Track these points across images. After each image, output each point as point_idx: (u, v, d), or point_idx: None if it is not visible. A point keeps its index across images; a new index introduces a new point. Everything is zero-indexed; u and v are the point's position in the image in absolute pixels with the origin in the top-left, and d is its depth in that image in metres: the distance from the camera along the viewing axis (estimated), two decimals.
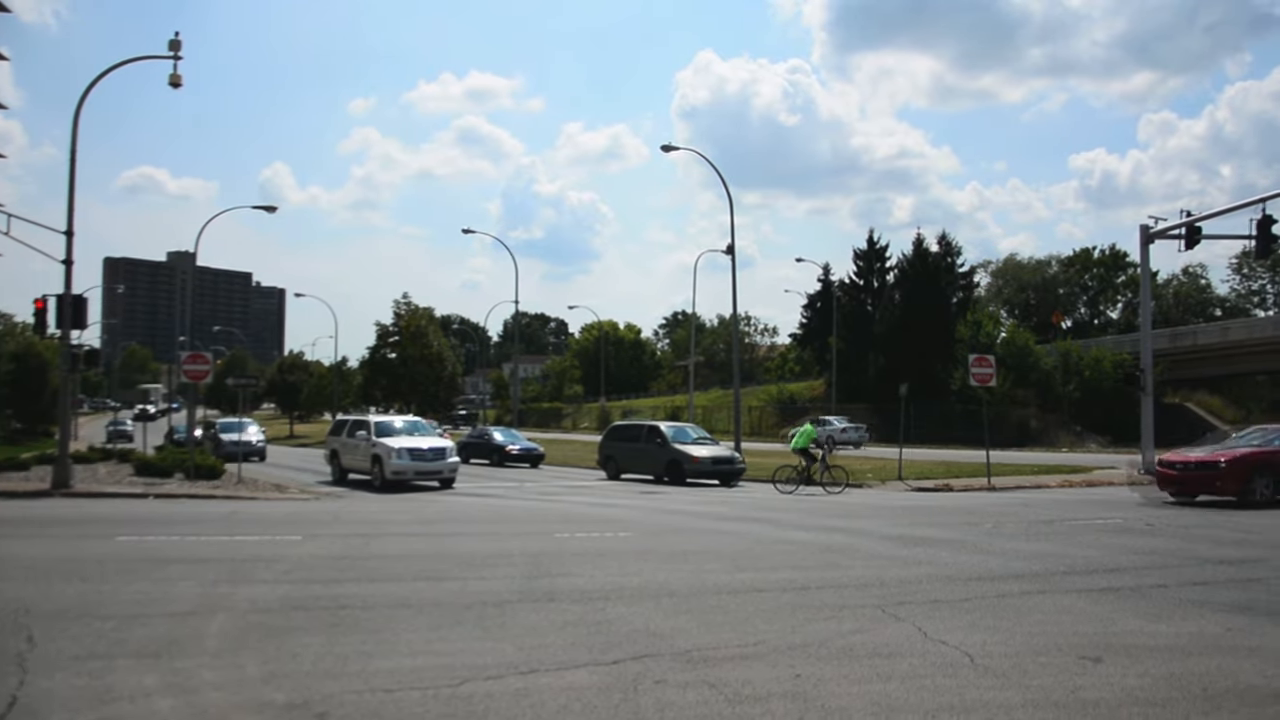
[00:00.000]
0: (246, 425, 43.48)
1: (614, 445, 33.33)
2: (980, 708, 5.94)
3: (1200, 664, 7.03)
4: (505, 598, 9.35)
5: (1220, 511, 19.18)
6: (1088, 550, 13.24)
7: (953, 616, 8.60)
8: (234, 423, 43.79)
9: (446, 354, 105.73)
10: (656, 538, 14.94)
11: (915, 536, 15.00)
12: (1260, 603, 9.42)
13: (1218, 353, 61.93)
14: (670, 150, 42.09)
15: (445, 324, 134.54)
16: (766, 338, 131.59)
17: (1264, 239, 30.60)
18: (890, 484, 27.81)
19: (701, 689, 6.27)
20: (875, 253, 75.01)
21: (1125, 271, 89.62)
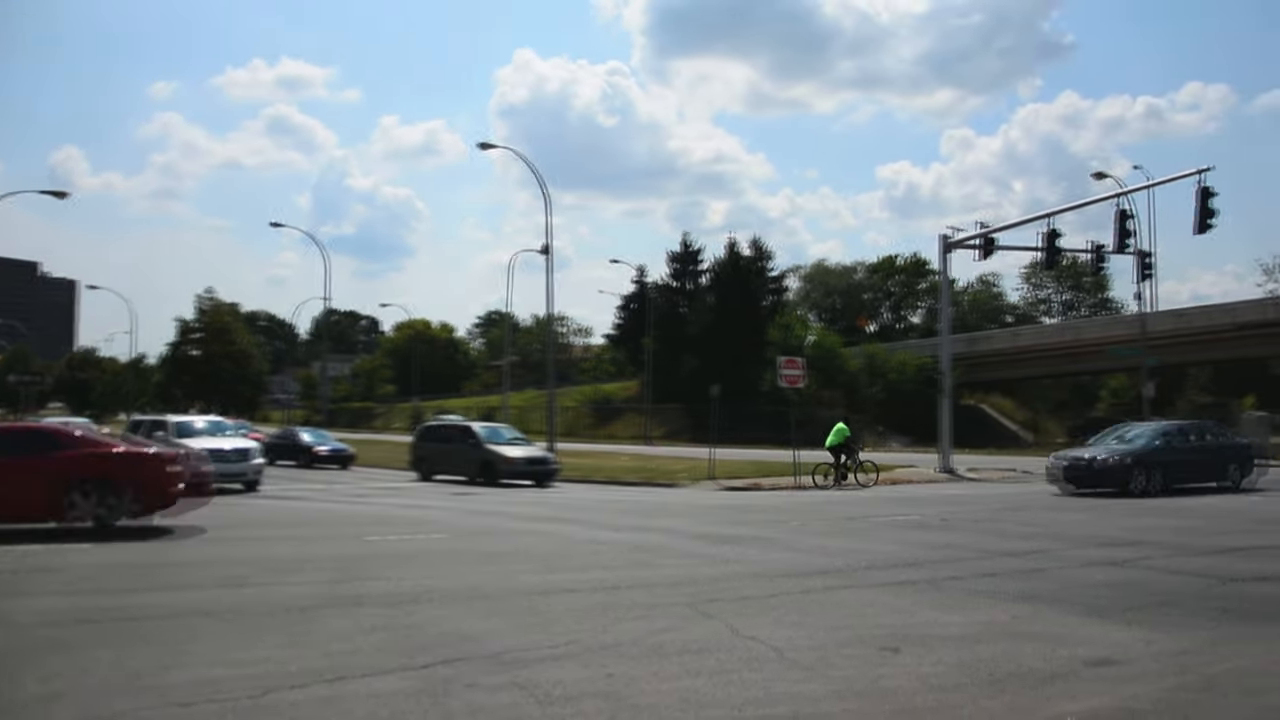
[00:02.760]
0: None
1: (426, 446, 32.82)
2: (786, 700, 6.11)
3: (988, 650, 7.42)
4: (311, 603, 9.09)
5: (1017, 510, 20.26)
6: (888, 546, 13.79)
7: (761, 612, 8.81)
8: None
9: (252, 351, 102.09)
10: (468, 539, 14.80)
11: (725, 535, 15.32)
12: (1042, 591, 10.00)
13: (1010, 357, 65.51)
14: (488, 148, 41.82)
15: (251, 320, 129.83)
16: (582, 338, 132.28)
17: (1051, 251, 32.61)
18: (702, 483, 28.30)
19: (513, 691, 6.24)
20: (690, 255, 76.21)
21: (927, 278, 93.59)
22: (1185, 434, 25.50)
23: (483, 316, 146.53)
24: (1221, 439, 26.16)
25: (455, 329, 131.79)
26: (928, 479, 30.36)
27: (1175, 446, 24.44)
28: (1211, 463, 24.78)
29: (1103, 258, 35.00)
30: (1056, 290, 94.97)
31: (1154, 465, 23.45)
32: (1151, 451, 23.86)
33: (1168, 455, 23.94)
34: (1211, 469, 24.71)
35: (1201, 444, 25.25)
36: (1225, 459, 24.93)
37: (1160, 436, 24.61)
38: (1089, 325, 66.97)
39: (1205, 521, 17.19)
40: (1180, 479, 23.94)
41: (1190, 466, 24.35)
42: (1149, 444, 24.17)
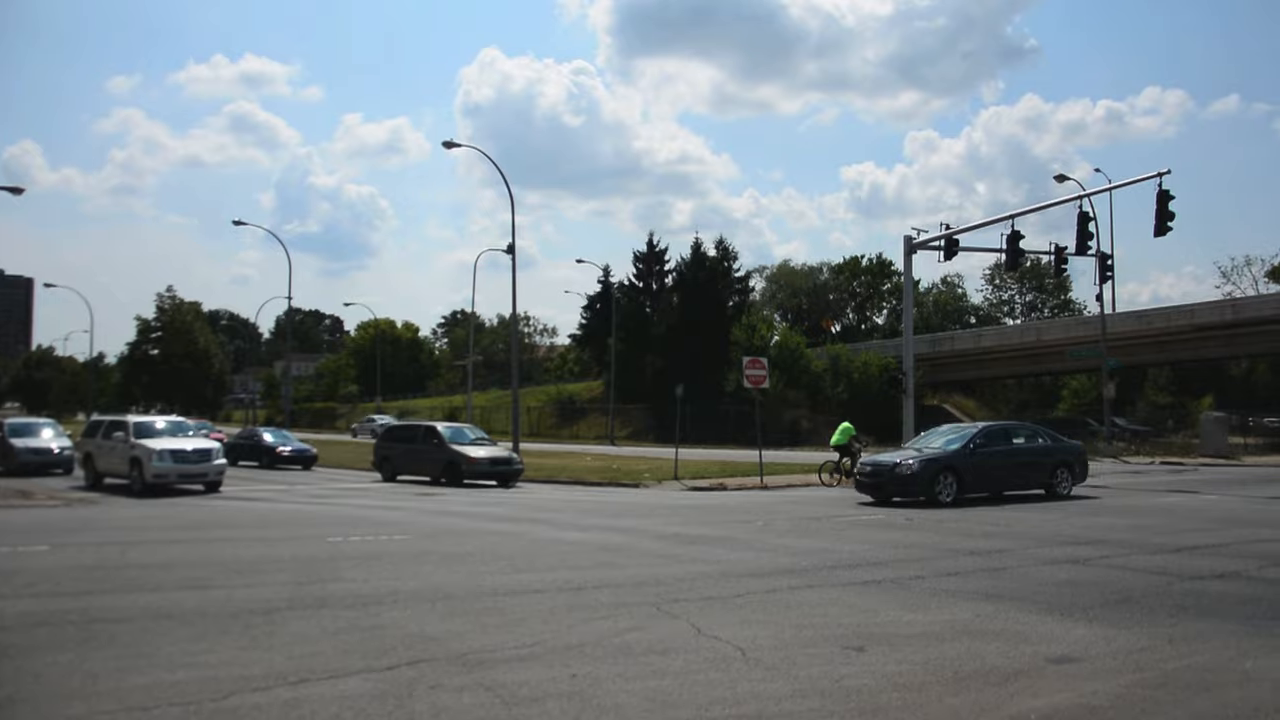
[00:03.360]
0: (42, 427, 35.31)
1: (390, 446, 32.66)
2: (751, 699, 6.13)
3: (952, 649, 7.48)
4: (274, 605, 9.02)
5: (971, 509, 20.41)
6: (853, 545, 13.87)
7: (725, 612, 8.84)
8: (26, 424, 35.75)
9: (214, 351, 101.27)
10: (433, 540, 14.74)
11: (690, 535, 15.35)
12: (1005, 590, 10.09)
13: (973, 358, 66.00)
14: (452, 147, 41.60)
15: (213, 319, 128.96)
16: (546, 338, 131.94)
17: (1013, 253, 32.91)
18: (667, 483, 28.33)
19: (478, 692, 6.23)
20: (655, 255, 76.19)
21: (891, 279, 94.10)
22: (1007, 436, 23.51)
23: (447, 316, 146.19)
24: (1050, 441, 23.98)
25: (419, 328, 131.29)
26: None
27: (993, 450, 22.29)
28: (1036, 467, 22.77)
29: (1064, 259, 35.34)
30: (1019, 291, 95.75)
31: (965, 471, 21.35)
32: (963, 455, 21.66)
33: (982, 460, 21.87)
34: (1036, 474, 22.72)
35: (1025, 447, 23.15)
36: (1053, 463, 22.88)
37: (977, 438, 22.35)
38: (1051, 326, 67.59)
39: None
40: (997, 485, 22.31)
41: (1010, 471, 22.49)
42: (962, 447, 21.94)
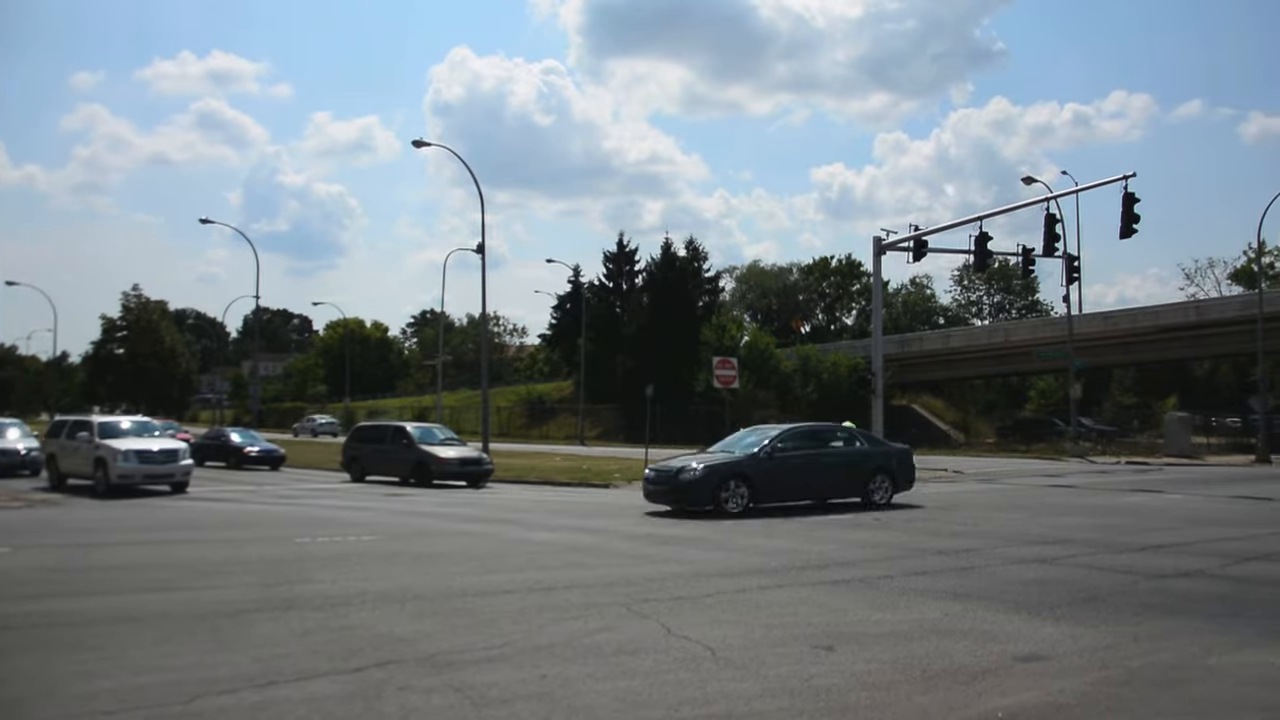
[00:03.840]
0: (7, 427, 33.44)
1: (359, 446, 32.45)
2: (721, 699, 6.14)
3: (921, 648, 7.52)
4: (241, 607, 8.96)
5: (948, 510, 20.52)
6: (822, 545, 13.91)
7: (695, 612, 8.85)
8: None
9: (180, 350, 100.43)
10: (402, 540, 14.67)
11: (660, 535, 15.35)
12: (973, 589, 10.16)
13: (941, 358, 66.39)
14: (422, 146, 41.45)
15: (180, 319, 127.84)
16: (516, 338, 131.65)
17: (981, 254, 33.14)
18: (636, 484, 28.24)
19: (447, 693, 6.20)
20: (625, 256, 76.18)
21: (860, 280, 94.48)
22: (817, 438, 21.28)
23: (417, 316, 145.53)
24: (869, 444, 21.75)
25: (388, 328, 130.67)
26: None
27: (796, 454, 20.04)
28: (848, 473, 20.47)
29: (1032, 261, 35.62)
30: (987, 292, 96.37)
31: (759, 477, 19.07)
32: (758, 460, 19.38)
33: (781, 465, 19.56)
34: (849, 481, 20.39)
35: (836, 451, 20.97)
36: (870, 468, 20.53)
37: (778, 441, 19.98)
38: (1018, 327, 68.10)
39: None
40: (800, 493, 20.02)
41: (816, 478, 20.17)
42: (759, 450, 19.63)
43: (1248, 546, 13.69)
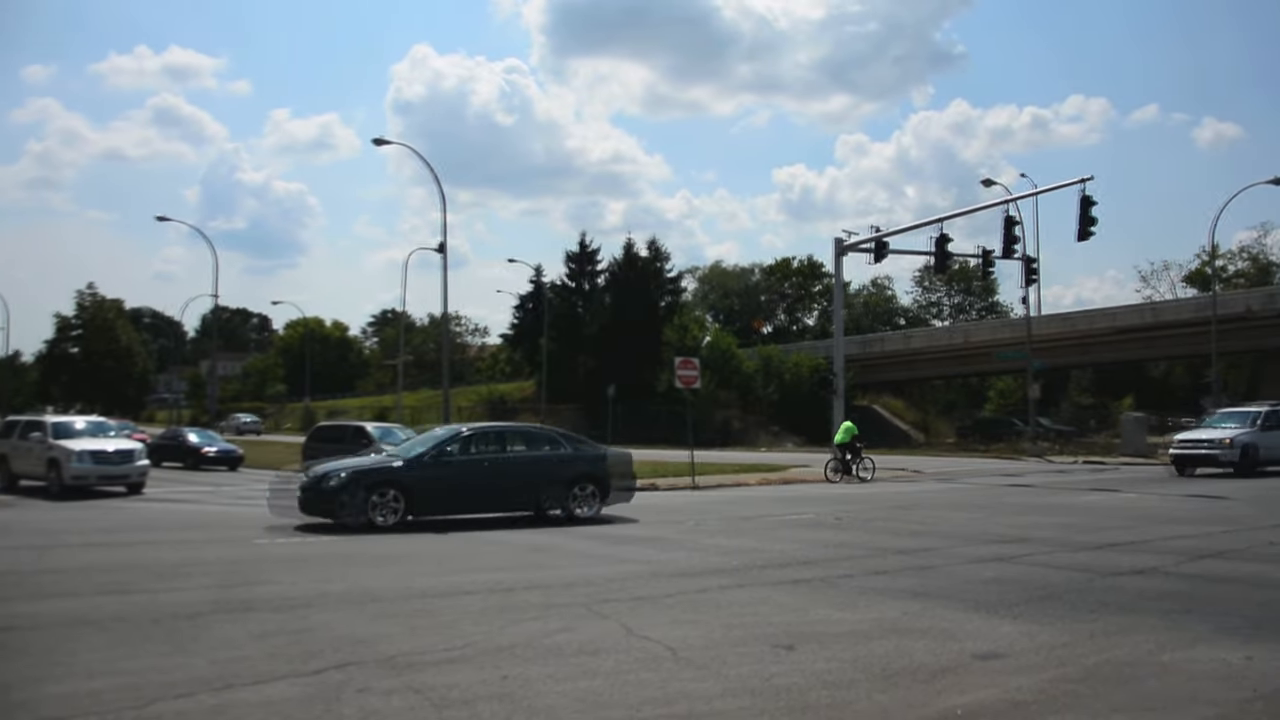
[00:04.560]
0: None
1: (318, 447, 32.13)
2: (682, 699, 6.14)
3: (881, 646, 7.56)
4: (199, 609, 8.86)
5: (908, 509, 20.65)
6: (783, 544, 13.97)
7: (656, 612, 8.86)
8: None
9: (137, 349, 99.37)
10: (360, 542, 14.56)
11: (620, 535, 15.35)
12: (932, 588, 10.23)
13: (902, 359, 66.92)
14: (383, 144, 41.28)
15: (136, 317, 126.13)
16: (478, 338, 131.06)
17: (941, 256, 33.49)
18: None
19: (407, 695, 6.16)
20: (587, 255, 76.11)
21: (821, 281, 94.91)
22: (501, 440, 18.68)
23: (377, 315, 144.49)
24: (571, 449, 18.59)
25: (349, 327, 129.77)
26: (821, 479, 30.77)
27: (471, 459, 17.57)
28: (540, 481, 17.64)
29: (991, 262, 36.02)
30: (947, 294, 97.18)
31: (418, 485, 16.59)
32: (419, 465, 16.91)
33: (448, 471, 17.00)
34: (542, 490, 17.59)
35: (520, 456, 18.23)
36: (569, 476, 17.73)
37: (450, 443, 17.62)
38: (977, 328, 68.77)
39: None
40: (474, 504, 17.47)
41: (494, 486, 17.48)
42: (423, 454, 17.26)
43: (1201, 544, 13.88)
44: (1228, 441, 29.97)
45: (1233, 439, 29.95)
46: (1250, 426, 30.59)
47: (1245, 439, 29.94)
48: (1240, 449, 29.69)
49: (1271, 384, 60.26)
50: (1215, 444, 30.45)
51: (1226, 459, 29.95)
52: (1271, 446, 30.58)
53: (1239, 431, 30.39)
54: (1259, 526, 16.44)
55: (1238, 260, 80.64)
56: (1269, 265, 78.92)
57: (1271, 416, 31.12)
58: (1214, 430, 31.61)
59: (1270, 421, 30.95)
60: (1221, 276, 71.77)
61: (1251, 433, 30.30)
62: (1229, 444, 29.89)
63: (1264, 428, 30.59)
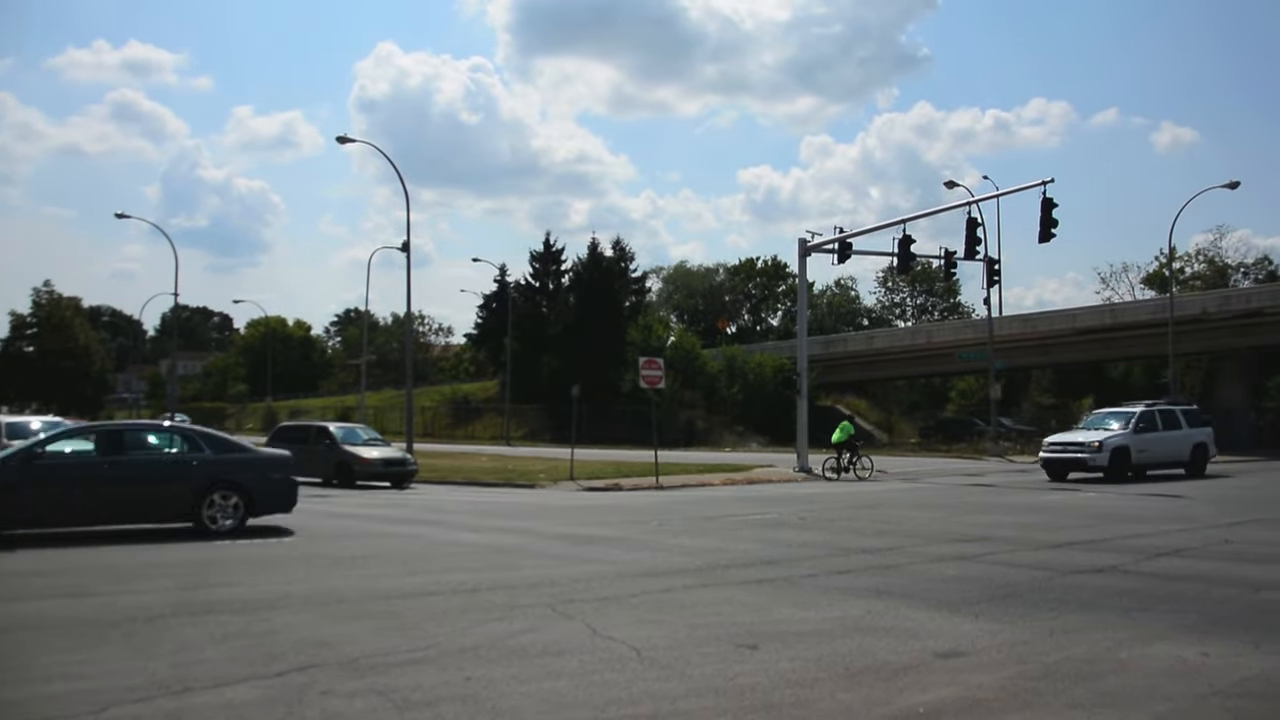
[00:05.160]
0: None
1: (280, 447, 31.96)
2: (646, 699, 6.15)
3: (844, 645, 7.61)
4: (159, 612, 8.76)
5: (871, 508, 20.76)
6: (747, 544, 14.00)
7: (620, 612, 8.86)
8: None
9: (95, 348, 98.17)
10: (324, 542, 14.48)
11: (586, 535, 15.34)
12: (895, 587, 10.30)
13: (865, 359, 67.23)
14: (346, 142, 41.03)
15: (94, 316, 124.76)
16: (442, 337, 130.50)
17: (904, 257, 33.66)
18: (562, 484, 28.26)
19: (370, 697, 6.13)
20: (551, 255, 75.98)
21: (785, 281, 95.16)
22: (99, 441, 15.61)
23: (340, 315, 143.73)
24: (209, 450, 15.87)
25: (311, 327, 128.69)
26: (785, 478, 30.92)
27: (68, 463, 15.00)
28: (161, 489, 15.27)
29: (953, 263, 36.28)
30: (910, 294, 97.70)
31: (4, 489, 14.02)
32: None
33: (41, 477, 14.44)
34: (164, 499, 15.27)
35: (139, 460, 15.48)
36: (199, 484, 15.22)
37: (34, 446, 15.03)
38: (940, 329, 69.21)
39: None
40: (78, 516, 14.98)
41: (105, 495, 14.83)
42: (6, 457, 14.69)
43: (1159, 543, 14.07)
44: (1096, 445, 28.21)
45: (1102, 442, 28.21)
46: (1125, 428, 29.00)
47: (1117, 442, 28.33)
48: (1110, 453, 28.02)
49: (1227, 384, 61.16)
50: (1084, 447, 28.59)
51: (1095, 464, 28.18)
52: (1147, 450, 29.10)
53: (1111, 434, 28.74)
54: (1215, 525, 16.66)
55: (1195, 263, 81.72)
56: (1225, 268, 79.98)
57: (1147, 418, 29.60)
58: (1087, 432, 29.89)
59: (1146, 423, 29.43)
60: (1179, 279, 72.71)
61: (1124, 435, 28.72)
62: (1098, 447, 28.13)
63: (1139, 430, 29.04)
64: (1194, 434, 30.71)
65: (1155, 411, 30.11)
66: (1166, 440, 29.80)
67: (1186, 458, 30.29)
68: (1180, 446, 30.25)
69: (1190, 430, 30.61)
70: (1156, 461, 29.56)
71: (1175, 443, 30.09)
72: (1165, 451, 29.85)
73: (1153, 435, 29.31)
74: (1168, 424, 30.05)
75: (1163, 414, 30.22)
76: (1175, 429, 30.20)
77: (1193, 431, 30.70)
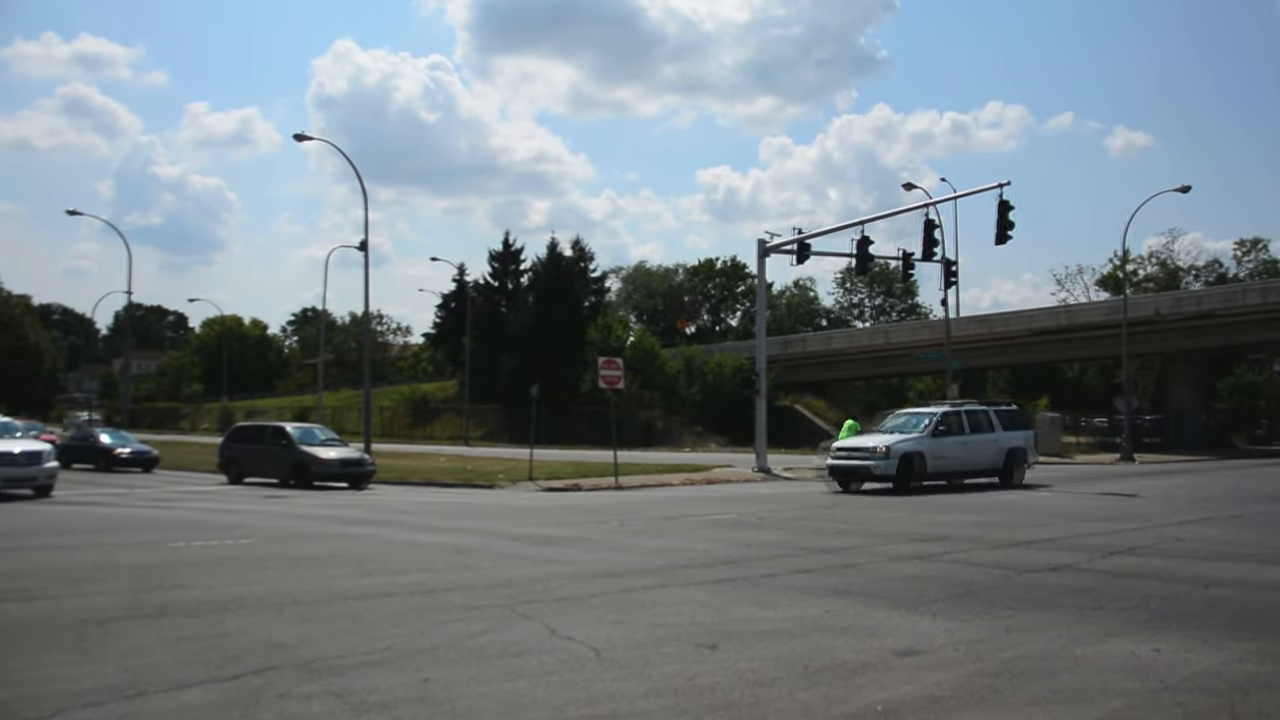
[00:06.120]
0: None
1: (236, 447, 31.69)
2: (605, 699, 6.13)
3: (803, 644, 7.62)
4: (109, 615, 8.62)
5: (830, 508, 20.86)
6: (707, 544, 14.02)
7: (580, 613, 8.83)
8: None
9: (45, 347, 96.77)
10: (280, 543, 14.34)
11: (545, 535, 15.30)
12: (854, 586, 10.35)
13: (824, 359, 67.66)
14: (304, 140, 40.68)
15: (44, 314, 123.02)
16: (400, 337, 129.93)
17: (863, 258, 33.91)
18: (521, 484, 28.19)
19: (327, 699, 6.06)
20: (511, 255, 75.76)
21: (744, 282, 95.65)
22: None
23: (297, 314, 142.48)
24: None
25: (268, 326, 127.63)
26: (745, 478, 31.02)
27: None
28: None
29: (911, 265, 36.54)
30: (868, 295, 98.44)
31: None
32: None
33: None
34: None
35: None
36: None
37: None
38: (898, 330, 69.76)
39: None
40: None
41: None
42: None
43: (1112, 541, 14.25)
44: (883, 450, 24.86)
45: (889, 447, 24.86)
46: (920, 431, 25.90)
47: (907, 447, 25.03)
48: (898, 459, 24.65)
49: (1179, 385, 62.12)
50: (870, 453, 25.18)
51: (880, 472, 24.85)
52: (947, 456, 26.01)
53: (902, 439, 25.53)
54: (1167, 523, 16.90)
55: (1148, 265, 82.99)
56: (1177, 270, 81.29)
57: (950, 420, 26.63)
58: (878, 436, 26.69)
59: (948, 426, 26.41)
60: (1132, 281, 73.82)
61: (917, 440, 25.50)
62: (884, 453, 24.77)
63: (938, 433, 25.97)
64: (1007, 438, 27.51)
65: (961, 412, 27.19)
66: (972, 445, 26.65)
67: (998, 465, 27.13)
68: (988, 452, 26.99)
69: (1003, 434, 27.49)
70: (959, 469, 26.71)
71: (983, 448, 26.88)
72: (970, 458, 26.69)
73: (954, 440, 26.31)
74: (976, 427, 27.01)
75: (971, 415, 27.30)
76: (985, 432, 27.12)
77: (1006, 435, 27.53)
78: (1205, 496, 23.68)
